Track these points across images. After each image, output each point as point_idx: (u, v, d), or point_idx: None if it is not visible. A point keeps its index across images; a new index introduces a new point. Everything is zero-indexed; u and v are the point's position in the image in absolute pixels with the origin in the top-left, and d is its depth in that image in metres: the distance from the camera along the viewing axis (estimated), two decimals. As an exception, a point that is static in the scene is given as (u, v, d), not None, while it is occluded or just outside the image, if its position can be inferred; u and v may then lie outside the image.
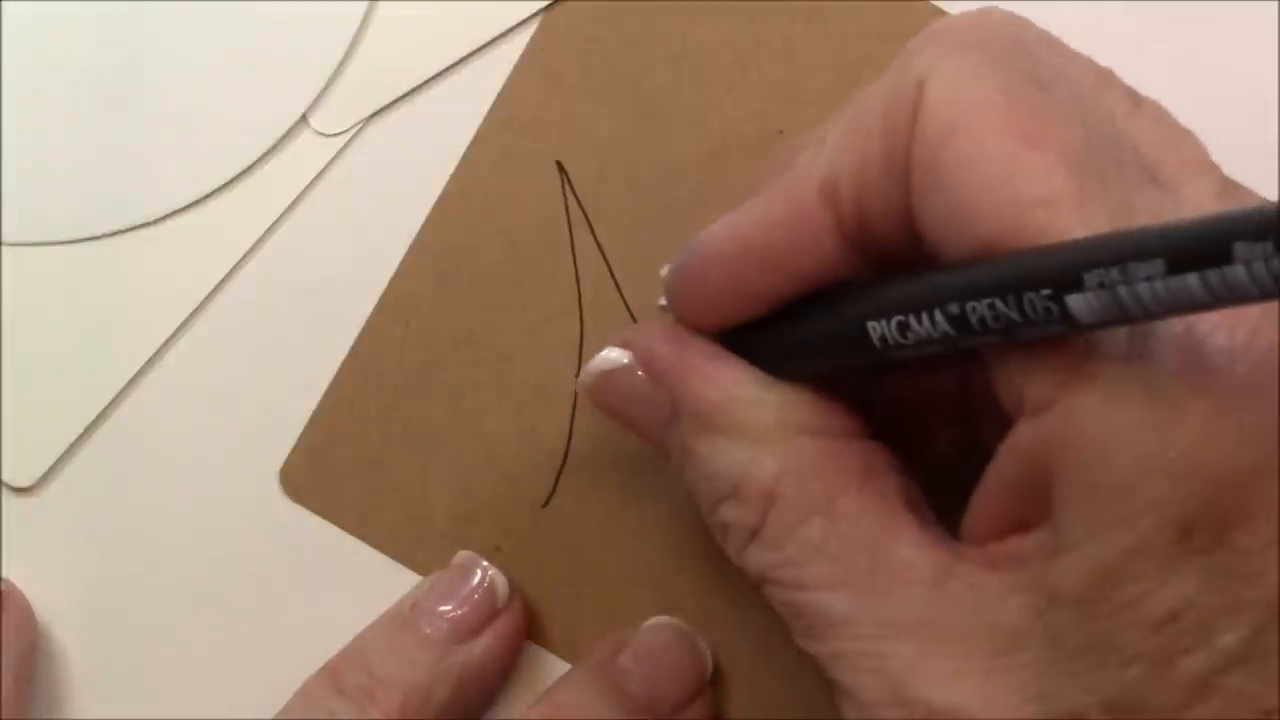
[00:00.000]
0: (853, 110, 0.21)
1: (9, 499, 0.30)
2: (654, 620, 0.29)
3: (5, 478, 0.30)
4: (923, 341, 0.20)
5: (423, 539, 0.30)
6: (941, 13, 0.30)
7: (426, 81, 0.31)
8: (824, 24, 0.30)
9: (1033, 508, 0.19)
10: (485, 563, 0.29)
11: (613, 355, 0.25)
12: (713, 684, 0.29)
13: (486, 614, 0.28)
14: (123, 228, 0.31)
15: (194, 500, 0.30)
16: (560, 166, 0.31)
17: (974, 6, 0.30)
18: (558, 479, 0.30)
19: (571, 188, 0.30)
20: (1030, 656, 0.19)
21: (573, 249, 0.30)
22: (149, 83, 0.31)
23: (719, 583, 0.29)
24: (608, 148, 0.30)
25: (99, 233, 0.31)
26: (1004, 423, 0.20)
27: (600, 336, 0.30)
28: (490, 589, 0.28)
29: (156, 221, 0.31)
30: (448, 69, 0.31)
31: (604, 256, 0.30)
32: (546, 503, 0.30)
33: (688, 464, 0.23)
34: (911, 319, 0.19)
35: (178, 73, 0.31)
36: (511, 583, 0.29)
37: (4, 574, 0.30)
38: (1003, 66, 0.20)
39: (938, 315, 0.19)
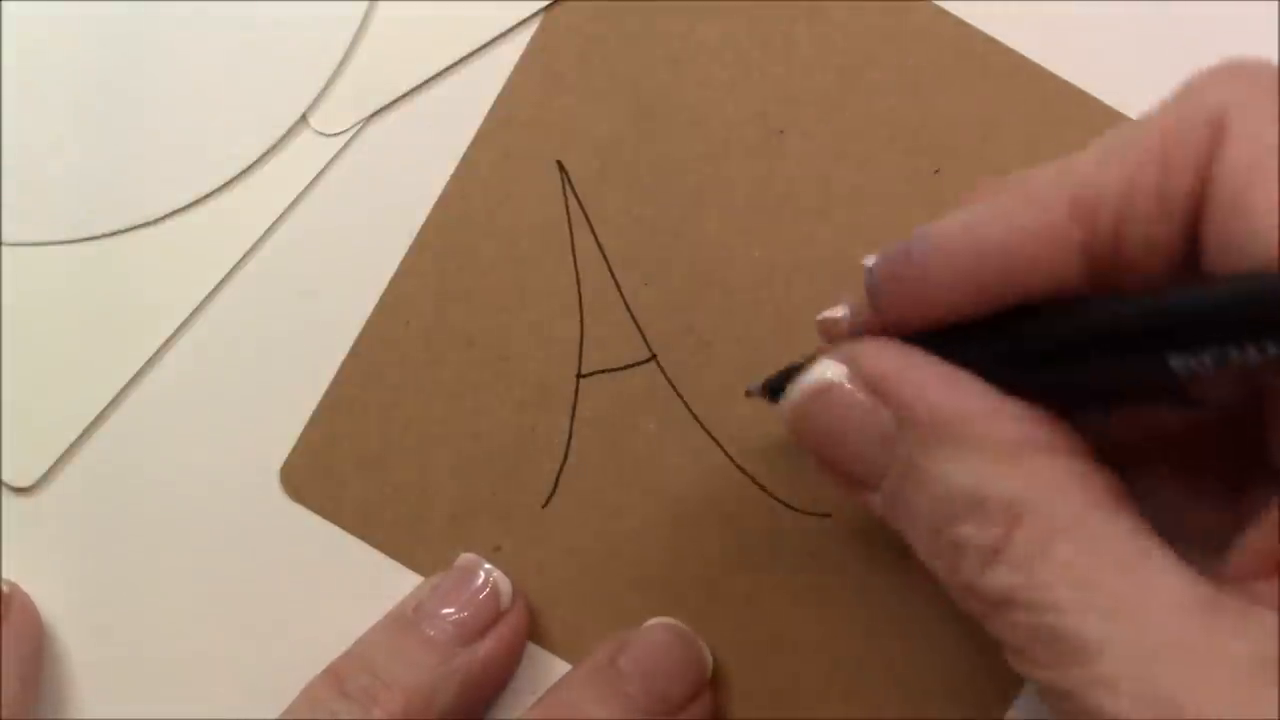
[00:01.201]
0: (1112, 136, 0.21)
1: (9, 499, 0.30)
2: (654, 620, 0.29)
3: (5, 478, 0.30)
4: (1236, 369, 0.18)
5: (423, 539, 0.30)
6: (943, 13, 0.30)
7: (426, 81, 0.31)
8: (824, 24, 0.30)
9: None
10: (488, 564, 0.29)
11: (829, 372, 0.23)
12: (713, 684, 0.29)
13: (490, 616, 0.28)
14: (123, 228, 0.31)
15: (194, 500, 0.30)
16: (560, 166, 0.30)
17: (976, 7, 0.30)
18: (558, 479, 0.30)
19: (572, 188, 0.30)
20: None
21: (573, 249, 0.30)
22: (149, 83, 0.31)
23: (719, 583, 0.29)
24: (608, 148, 0.30)
25: (99, 233, 0.31)
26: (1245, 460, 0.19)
27: (600, 336, 0.30)
28: (494, 591, 0.28)
29: (156, 221, 0.31)
30: (448, 69, 0.31)
31: (604, 256, 0.30)
32: (546, 503, 0.30)
33: (913, 482, 0.22)
34: (1231, 349, 0.18)
35: (178, 72, 0.31)
36: (513, 584, 0.29)
37: (4, 574, 0.30)
38: None
39: (1270, 348, 0.18)
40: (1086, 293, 0.21)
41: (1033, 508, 0.21)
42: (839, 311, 0.24)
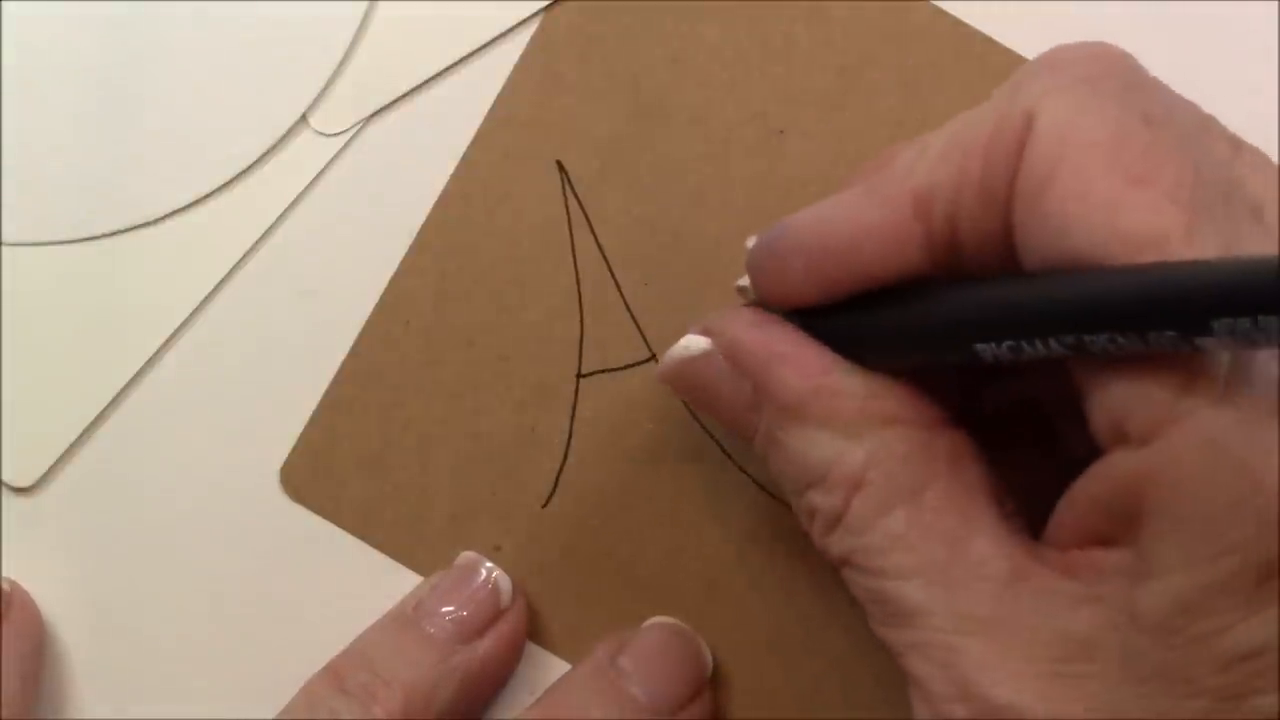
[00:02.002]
0: (956, 126, 0.22)
1: (9, 499, 0.30)
2: (653, 620, 0.29)
3: (5, 478, 0.30)
4: (1030, 359, 0.20)
5: (423, 539, 0.30)
6: (942, 13, 0.30)
7: (426, 81, 0.31)
8: (824, 24, 0.30)
9: (1118, 527, 0.19)
10: (489, 563, 0.29)
11: (694, 342, 0.25)
12: (712, 684, 0.29)
13: (490, 615, 0.28)
14: (123, 228, 0.31)
15: (194, 500, 0.30)
16: (560, 166, 0.31)
17: (975, 7, 0.30)
18: (558, 479, 0.30)
19: (571, 188, 0.30)
20: (1098, 669, 0.19)
21: (573, 249, 0.30)
22: (149, 83, 0.31)
23: (719, 583, 0.29)
24: (608, 147, 0.30)
25: (99, 233, 0.31)
26: (1083, 428, 0.20)
27: (600, 336, 0.30)
28: (494, 589, 0.28)
29: (156, 221, 0.31)
30: (448, 69, 0.31)
31: (604, 256, 0.30)
32: (546, 503, 0.30)
33: (773, 451, 0.24)
34: (1024, 344, 0.19)
35: (178, 72, 0.31)
36: (513, 583, 0.29)
37: (4, 574, 0.30)
38: (1114, 103, 0.20)
39: (1053, 343, 0.19)
40: (935, 276, 0.22)
41: (870, 479, 0.22)
42: (743, 280, 0.25)
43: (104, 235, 0.31)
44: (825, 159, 0.30)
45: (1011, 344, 0.20)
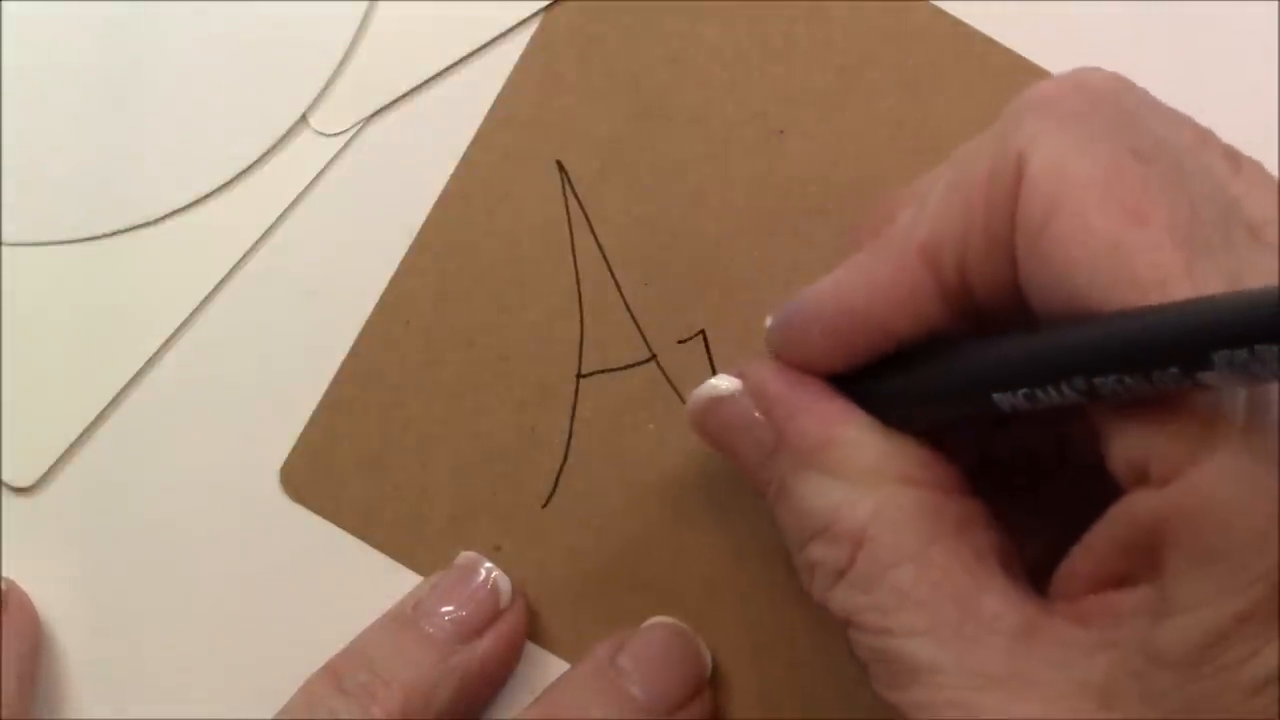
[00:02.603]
0: (953, 172, 0.22)
1: (9, 499, 0.30)
2: (653, 620, 0.29)
3: (5, 478, 0.30)
4: (1047, 406, 0.20)
5: (423, 539, 0.30)
6: (942, 13, 0.30)
7: (426, 81, 0.31)
8: (824, 24, 0.30)
9: (1138, 567, 0.19)
10: (489, 563, 0.29)
11: (723, 384, 0.25)
12: (712, 684, 0.29)
13: (489, 614, 0.28)
14: (123, 228, 0.31)
15: (194, 500, 0.30)
16: (560, 166, 0.31)
17: (975, 7, 0.30)
18: (558, 479, 0.30)
19: (571, 188, 0.30)
20: (1120, 715, 0.19)
21: (573, 249, 0.30)
22: (149, 83, 0.31)
23: (719, 583, 0.29)
24: (608, 147, 0.30)
25: (99, 233, 0.31)
26: (1098, 471, 0.20)
27: (600, 336, 0.30)
28: (494, 590, 0.28)
29: (156, 221, 0.31)
30: (448, 69, 0.31)
31: (604, 256, 0.30)
32: (546, 503, 0.30)
33: (782, 499, 0.23)
34: (1039, 392, 0.20)
35: (178, 73, 0.31)
36: (513, 583, 0.29)
37: (4, 574, 0.30)
38: (1104, 139, 0.20)
39: (1065, 389, 0.19)
40: (958, 330, 0.22)
41: (876, 534, 0.22)
42: (769, 322, 0.25)
43: (104, 235, 0.31)
44: (825, 159, 0.30)
45: (1026, 392, 0.20)
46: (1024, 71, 0.30)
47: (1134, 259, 0.19)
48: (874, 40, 0.30)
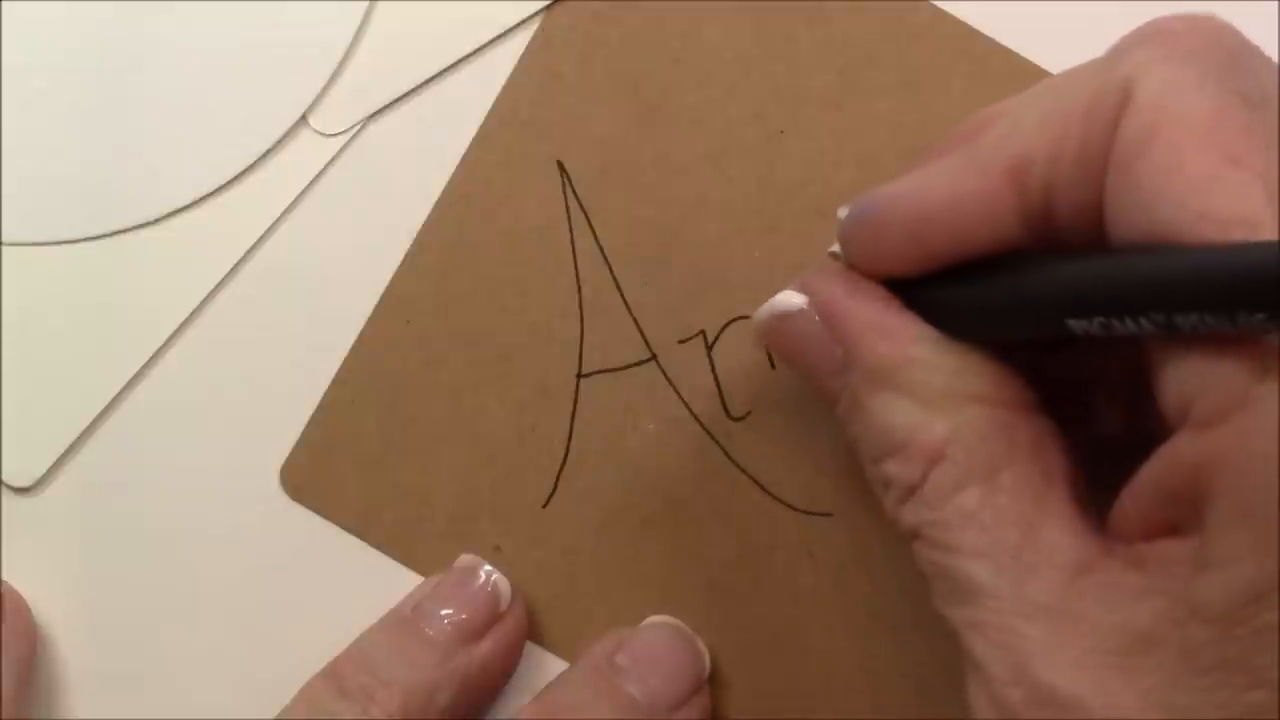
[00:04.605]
0: (1053, 95, 0.22)
1: (9, 499, 0.30)
2: (651, 619, 0.29)
3: (5, 478, 0.30)
4: (1118, 335, 0.20)
5: (423, 539, 0.30)
6: (942, 13, 0.30)
7: (426, 81, 0.31)
8: (825, 24, 0.30)
9: (1184, 515, 0.19)
10: (488, 565, 0.29)
11: (791, 299, 0.25)
12: (712, 684, 0.29)
13: (489, 617, 0.28)
14: (123, 228, 0.31)
15: (194, 500, 0.30)
16: (560, 166, 0.31)
17: (975, 7, 0.30)
18: (558, 479, 0.30)
19: (572, 188, 0.30)
20: (1158, 662, 0.19)
21: (573, 249, 0.30)
22: (149, 82, 0.31)
23: (719, 583, 0.29)
24: (608, 148, 0.30)
25: (99, 233, 0.31)
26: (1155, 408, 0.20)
27: (600, 336, 0.30)
28: (494, 592, 0.28)
29: (156, 221, 0.31)
30: (448, 69, 0.31)
31: (604, 256, 0.30)
32: (546, 503, 0.30)
33: (855, 416, 0.23)
34: (1115, 321, 0.19)
35: (177, 72, 0.31)
36: (512, 584, 0.29)
37: (3, 575, 0.30)
38: (1214, 80, 0.20)
39: (1144, 321, 0.19)
40: (1027, 248, 0.22)
41: (949, 454, 0.22)
42: (836, 247, 0.25)
43: (104, 235, 0.31)
44: (825, 159, 0.30)
45: (1103, 320, 0.20)
46: (1024, 72, 0.30)
47: (1225, 198, 0.18)
48: (874, 40, 0.30)
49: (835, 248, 0.25)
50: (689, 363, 0.30)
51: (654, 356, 0.30)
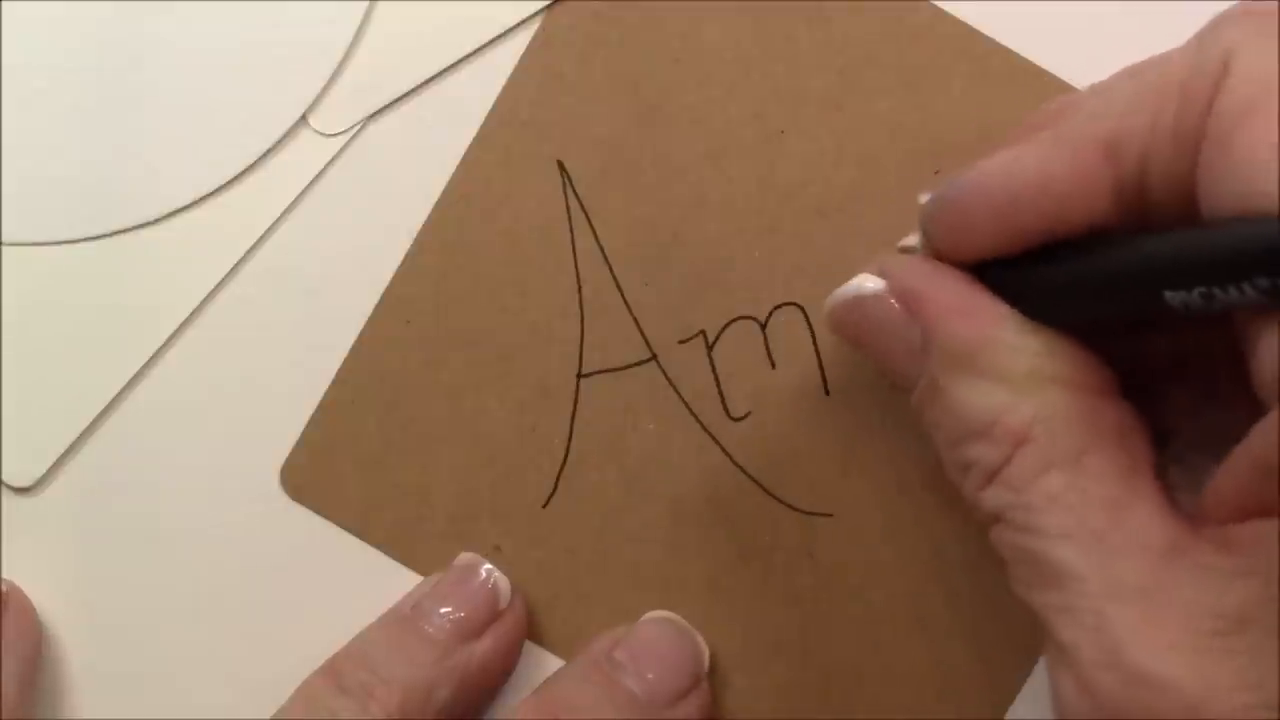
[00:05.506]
0: (1149, 73, 0.21)
1: (9, 499, 0.30)
2: (650, 614, 0.29)
3: (5, 478, 0.30)
4: (1222, 306, 0.19)
5: (423, 539, 0.30)
6: (942, 13, 0.30)
7: (426, 81, 0.31)
8: (826, 24, 0.30)
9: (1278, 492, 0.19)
10: (488, 564, 0.29)
11: (868, 283, 0.24)
12: (712, 683, 0.29)
13: (489, 615, 0.28)
14: (123, 228, 0.31)
15: (194, 500, 0.30)
16: (561, 166, 0.31)
17: (975, 7, 0.30)
18: (558, 479, 0.30)
19: (572, 187, 0.30)
20: (1250, 643, 0.19)
21: (573, 249, 0.30)
22: (148, 82, 0.31)
23: (719, 583, 0.29)
24: (608, 148, 0.30)
25: (99, 233, 0.31)
26: (1245, 389, 0.20)
27: (600, 336, 0.30)
28: (493, 590, 0.28)
29: (156, 221, 0.31)
30: (448, 69, 0.31)
31: (604, 256, 0.30)
32: (546, 503, 0.30)
33: (934, 400, 0.23)
34: (1217, 290, 0.19)
35: (177, 72, 0.31)
36: (512, 583, 0.29)
37: (4, 574, 0.30)
38: None
39: (1247, 288, 0.19)
40: (1120, 229, 0.21)
41: (1035, 435, 0.22)
42: (912, 239, 0.25)
43: (104, 235, 0.31)
44: (825, 159, 0.30)
45: (1203, 290, 0.19)
46: (1024, 72, 0.30)
47: None
48: (874, 40, 0.30)
49: (905, 241, 0.25)
50: (689, 363, 0.30)
51: (654, 356, 0.30)
